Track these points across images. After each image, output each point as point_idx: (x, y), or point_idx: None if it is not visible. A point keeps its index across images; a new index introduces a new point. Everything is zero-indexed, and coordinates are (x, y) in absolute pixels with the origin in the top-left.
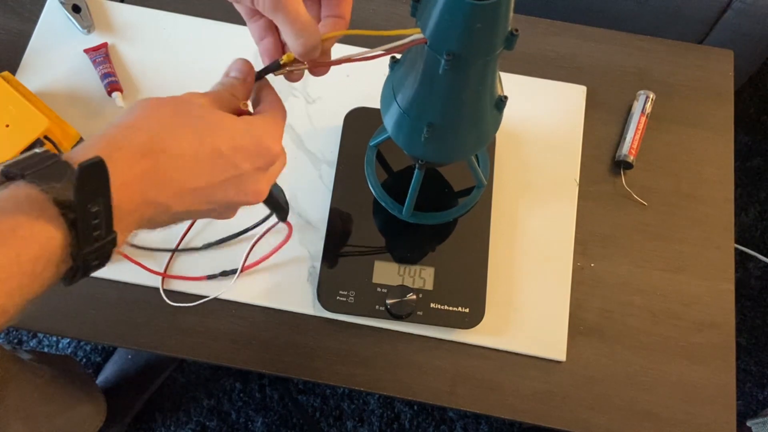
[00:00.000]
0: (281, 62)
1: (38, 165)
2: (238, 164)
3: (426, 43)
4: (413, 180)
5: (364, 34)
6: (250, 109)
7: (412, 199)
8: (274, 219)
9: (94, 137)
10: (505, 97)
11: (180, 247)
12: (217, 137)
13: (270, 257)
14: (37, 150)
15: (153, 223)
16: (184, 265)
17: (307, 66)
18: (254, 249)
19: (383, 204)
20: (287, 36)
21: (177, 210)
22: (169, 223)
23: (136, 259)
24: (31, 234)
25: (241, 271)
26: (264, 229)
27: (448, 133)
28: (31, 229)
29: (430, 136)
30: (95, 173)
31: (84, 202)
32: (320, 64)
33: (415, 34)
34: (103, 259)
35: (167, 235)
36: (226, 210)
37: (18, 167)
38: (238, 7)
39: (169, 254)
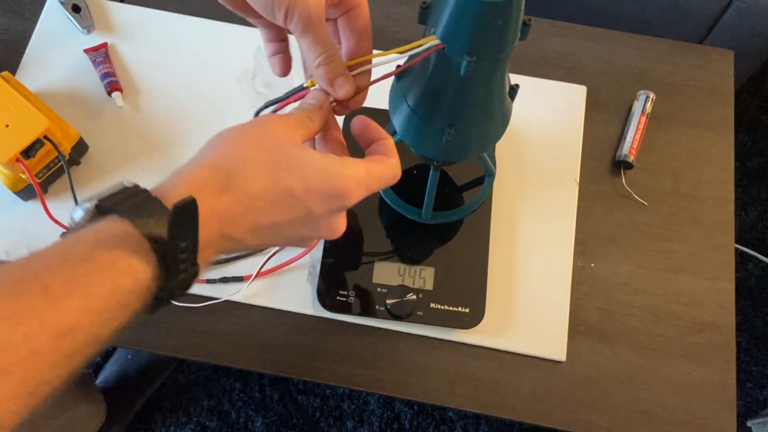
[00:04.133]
0: (304, 86)
1: (130, 200)
2: (310, 206)
3: (444, 48)
4: (429, 181)
5: (382, 56)
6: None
7: (430, 200)
8: None
9: (179, 174)
10: (517, 86)
11: None
12: (291, 177)
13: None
14: (126, 185)
15: (228, 253)
16: None
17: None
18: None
19: (400, 211)
20: (311, 60)
21: (251, 243)
22: (244, 251)
23: None
24: (128, 267)
25: (256, 277)
26: None
27: (469, 130)
28: (128, 263)
29: (453, 138)
30: (187, 213)
31: (175, 239)
32: (348, 99)
33: (431, 41)
34: (185, 289)
35: None
36: (301, 242)
37: (110, 201)
38: (255, 22)
39: None
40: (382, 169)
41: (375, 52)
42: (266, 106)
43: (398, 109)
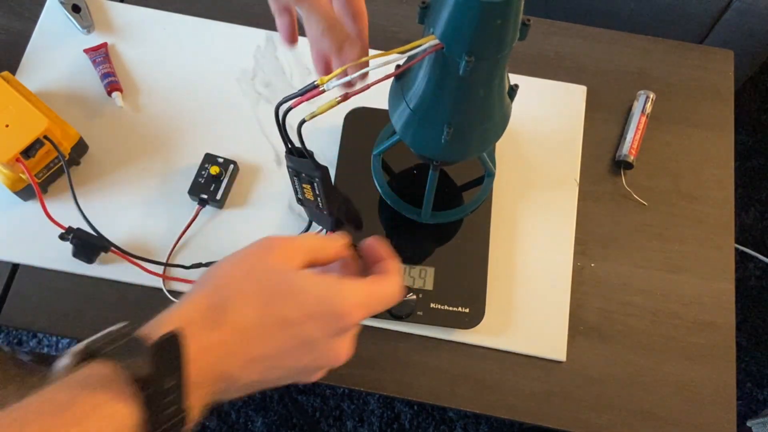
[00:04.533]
0: (315, 83)
1: (116, 342)
2: (308, 332)
3: (443, 48)
4: (429, 181)
5: (383, 56)
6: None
7: (429, 200)
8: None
9: (168, 313)
10: (516, 86)
11: (174, 262)
12: (285, 305)
13: None
14: (113, 327)
15: (226, 395)
16: (184, 270)
17: (339, 100)
18: None
19: (400, 211)
20: (314, 32)
21: (248, 380)
22: (244, 393)
23: (137, 259)
24: (111, 413)
25: None
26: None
27: (469, 130)
28: (111, 408)
29: (451, 138)
30: (171, 347)
31: (160, 378)
32: (351, 94)
33: (431, 41)
34: None
35: (163, 243)
36: (305, 374)
37: (96, 345)
38: None
39: (166, 255)
40: (383, 288)
41: (375, 52)
42: (284, 102)
43: (398, 109)
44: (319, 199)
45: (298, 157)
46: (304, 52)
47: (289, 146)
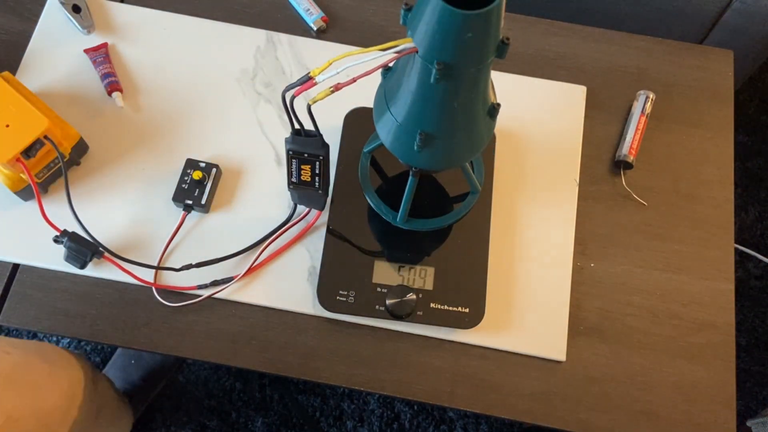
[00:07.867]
0: (310, 75)
1: None
2: None
3: (416, 52)
4: (407, 187)
5: (362, 52)
6: None
7: (407, 205)
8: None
9: None
10: (498, 105)
11: (164, 265)
12: None
13: (275, 257)
14: None
15: None
16: (175, 272)
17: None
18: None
19: (378, 211)
20: None
21: None
22: None
23: (131, 264)
24: None
25: (246, 273)
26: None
27: (441, 140)
28: None
29: (423, 144)
30: None
31: None
32: (341, 85)
33: (406, 43)
34: None
35: (159, 244)
36: None
37: None
38: None
39: (155, 264)
40: None
41: (355, 49)
42: (288, 90)
43: (379, 111)
44: (317, 178)
45: (305, 136)
46: (305, 53)
47: (298, 127)
